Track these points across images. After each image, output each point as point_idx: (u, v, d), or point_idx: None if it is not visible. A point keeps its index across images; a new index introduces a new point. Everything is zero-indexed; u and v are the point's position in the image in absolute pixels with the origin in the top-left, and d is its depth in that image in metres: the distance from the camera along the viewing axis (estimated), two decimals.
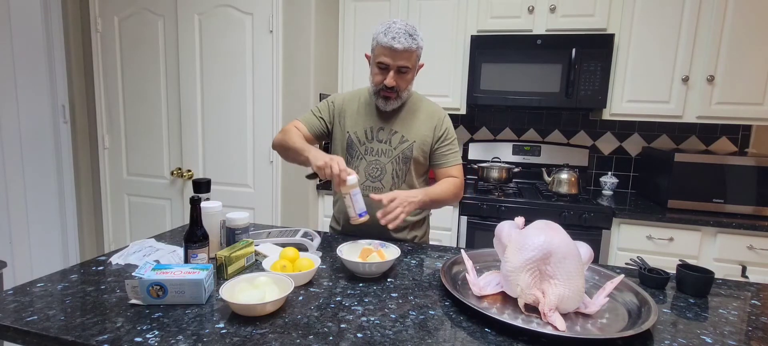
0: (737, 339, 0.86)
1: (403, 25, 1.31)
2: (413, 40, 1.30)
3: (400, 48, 1.28)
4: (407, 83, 1.37)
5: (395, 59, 1.31)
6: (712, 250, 2.03)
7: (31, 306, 0.90)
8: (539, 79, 2.30)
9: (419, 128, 1.44)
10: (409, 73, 1.36)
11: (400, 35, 1.28)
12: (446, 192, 1.42)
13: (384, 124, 1.44)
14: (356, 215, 1.22)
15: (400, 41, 1.28)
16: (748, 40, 2.10)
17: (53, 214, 2.67)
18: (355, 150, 1.46)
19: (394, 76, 1.33)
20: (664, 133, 2.57)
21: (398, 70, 1.33)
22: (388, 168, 1.43)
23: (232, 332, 0.82)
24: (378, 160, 1.44)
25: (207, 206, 1.18)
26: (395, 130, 1.43)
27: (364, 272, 1.10)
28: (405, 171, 1.44)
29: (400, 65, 1.32)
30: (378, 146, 1.44)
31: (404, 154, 1.43)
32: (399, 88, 1.36)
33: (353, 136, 1.46)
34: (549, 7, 2.31)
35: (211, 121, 2.49)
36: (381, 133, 1.44)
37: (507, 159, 2.69)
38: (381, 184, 1.44)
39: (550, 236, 0.91)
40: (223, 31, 2.39)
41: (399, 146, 1.43)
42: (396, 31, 1.29)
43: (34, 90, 2.50)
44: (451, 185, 1.44)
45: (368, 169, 1.44)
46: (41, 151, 2.57)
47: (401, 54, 1.30)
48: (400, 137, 1.43)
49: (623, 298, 0.99)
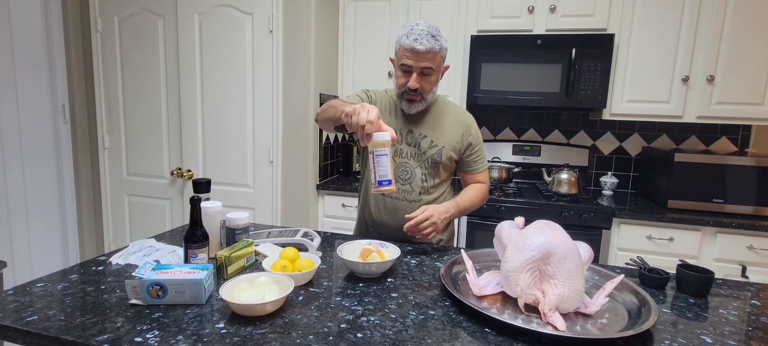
0: (737, 339, 0.86)
1: (426, 26, 1.29)
2: (436, 40, 1.28)
3: (422, 49, 1.27)
4: (431, 85, 1.35)
5: (418, 61, 1.29)
6: (712, 250, 2.03)
7: (31, 306, 0.90)
8: (539, 79, 2.30)
9: (448, 134, 1.43)
10: (433, 75, 1.34)
11: (422, 36, 1.27)
12: (474, 199, 1.46)
13: (413, 127, 1.43)
14: (376, 182, 1.09)
15: (423, 42, 1.26)
16: (748, 40, 2.10)
17: (53, 214, 2.67)
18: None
19: (417, 78, 1.31)
20: (664, 133, 2.57)
21: (421, 73, 1.31)
22: (417, 172, 1.43)
23: (232, 332, 0.82)
24: (407, 163, 1.43)
25: (207, 206, 1.18)
26: (424, 135, 1.42)
27: (364, 272, 1.10)
28: (434, 175, 1.44)
29: (423, 66, 1.30)
30: (407, 149, 1.43)
31: (433, 159, 1.42)
32: (423, 90, 1.34)
33: None
34: (549, 7, 2.31)
35: (211, 121, 2.49)
36: (409, 136, 1.43)
37: (507, 159, 2.69)
38: (410, 187, 1.43)
39: (550, 236, 0.91)
40: (223, 31, 2.39)
41: (428, 151, 1.42)
42: (418, 32, 1.27)
43: (34, 90, 2.50)
44: (479, 192, 1.47)
45: (397, 172, 1.43)
46: (41, 151, 2.57)
47: (424, 55, 1.28)
48: (429, 142, 1.42)
49: (623, 298, 0.99)
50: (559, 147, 2.65)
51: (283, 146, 2.42)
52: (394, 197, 1.43)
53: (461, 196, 1.44)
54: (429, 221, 1.28)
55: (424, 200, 1.44)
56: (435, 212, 1.29)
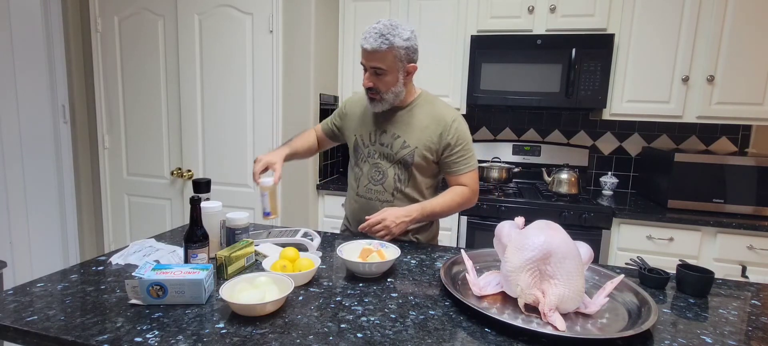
0: (737, 339, 0.86)
1: (382, 25, 1.27)
2: (384, 39, 1.25)
3: (368, 48, 1.27)
4: (387, 85, 1.32)
5: (369, 60, 1.30)
6: (712, 250, 2.03)
7: (31, 306, 0.90)
8: (539, 79, 2.30)
9: (423, 134, 1.39)
10: (387, 75, 1.30)
11: (370, 36, 1.27)
12: (450, 203, 1.39)
13: (387, 128, 1.42)
14: (263, 213, 1.36)
15: (369, 42, 1.27)
16: (748, 40, 2.10)
17: (53, 214, 2.67)
18: (360, 152, 1.47)
19: (369, 76, 1.32)
20: (664, 133, 2.57)
21: (374, 72, 1.31)
22: (390, 172, 1.42)
23: (232, 332, 0.82)
24: (379, 164, 1.43)
25: (207, 206, 1.18)
26: (397, 135, 1.41)
27: (364, 272, 1.10)
28: (407, 176, 1.42)
29: (373, 66, 1.30)
30: (380, 149, 1.43)
31: (404, 160, 1.40)
32: (378, 90, 1.33)
33: (359, 139, 1.47)
34: (549, 7, 2.31)
35: (211, 121, 2.49)
36: (383, 136, 1.42)
37: (507, 159, 2.69)
38: (383, 187, 1.43)
39: (550, 236, 0.91)
40: (223, 32, 2.39)
41: (400, 152, 1.40)
42: (369, 31, 1.28)
43: (34, 90, 2.50)
44: (457, 195, 1.40)
45: (371, 173, 1.44)
46: (41, 151, 2.57)
47: (372, 55, 1.28)
48: (401, 142, 1.40)
49: (623, 298, 0.99)
50: (559, 147, 2.65)
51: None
52: (368, 197, 1.45)
53: (434, 199, 1.40)
54: (381, 224, 1.29)
55: (397, 202, 1.42)
56: (389, 216, 1.30)
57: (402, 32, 1.28)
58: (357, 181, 1.48)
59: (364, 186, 1.45)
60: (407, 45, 1.29)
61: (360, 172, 1.46)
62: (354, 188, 1.49)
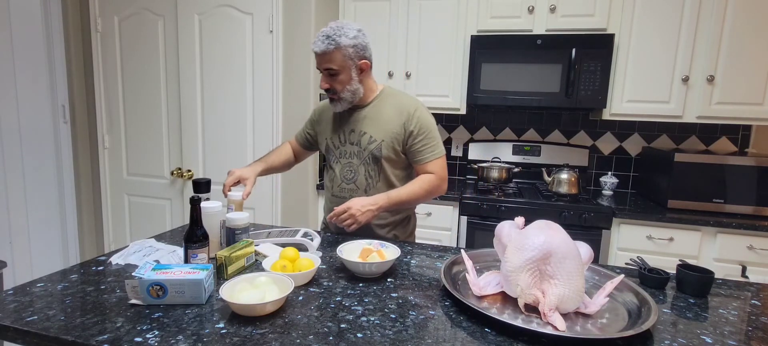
0: (737, 339, 0.86)
1: (329, 28, 1.32)
2: (331, 41, 1.30)
3: (318, 51, 1.33)
4: (342, 84, 1.36)
5: (320, 63, 1.35)
6: (712, 250, 2.03)
7: (31, 306, 0.90)
8: (539, 79, 2.30)
9: (388, 126, 1.42)
10: (340, 74, 1.35)
11: (318, 39, 1.32)
12: (417, 192, 1.40)
13: (354, 126, 1.45)
14: None
15: (317, 45, 1.32)
16: (748, 40, 2.10)
17: (53, 214, 2.67)
18: (332, 154, 1.50)
19: (324, 78, 1.37)
20: (664, 133, 2.57)
21: (328, 73, 1.35)
22: (361, 170, 1.45)
23: (232, 332, 0.82)
24: (350, 163, 1.46)
25: (207, 206, 1.18)
26: (364, 131, 1.44)
27: (364, 272, 1.10)
28: (377, 171, 1.45)
29: (325, 67, 1.34)
30: (350, 149, 1.46)
31: (373, 154, 1.43)
32: (335, 89, 1.37)
33: (329, 142, 1.50)
34: (549, 7, 2.31)
35: (211, 121, 2.49)
36: (352, 135, 1.46)
37: (507, 159, 2.69)
38: (355, 185, 1.46)
39: (550, 236, 0.91)
40: (223, 32, 2.39)
41: (368, 147, 1.43)
42: (318, 35, 1.33)
43: (34, 90, 2.50)
44: (424, 183, 1.41)
45: (343, 172, 1.48)
46: (41, 151, 2.57)
47: (322, 57, 1.33)
48: (368, 138, 1.43)
49: (623, 298, 0.99)
50: (559, 147, 2.65)
51: None
52: (342, 196, 1.47)
53: (401, 188, 1.41)
54: (347, 213, 1.30)
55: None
56: (355, 205, 1.31)
57: (347, 31, 1.32)
58: (332, 182, 1.52)
59: (337, 186, 1.49)
60: (354, 43, 1.33)
61: (334, 173, 1.50)
62: (329, 188, 1.53)
